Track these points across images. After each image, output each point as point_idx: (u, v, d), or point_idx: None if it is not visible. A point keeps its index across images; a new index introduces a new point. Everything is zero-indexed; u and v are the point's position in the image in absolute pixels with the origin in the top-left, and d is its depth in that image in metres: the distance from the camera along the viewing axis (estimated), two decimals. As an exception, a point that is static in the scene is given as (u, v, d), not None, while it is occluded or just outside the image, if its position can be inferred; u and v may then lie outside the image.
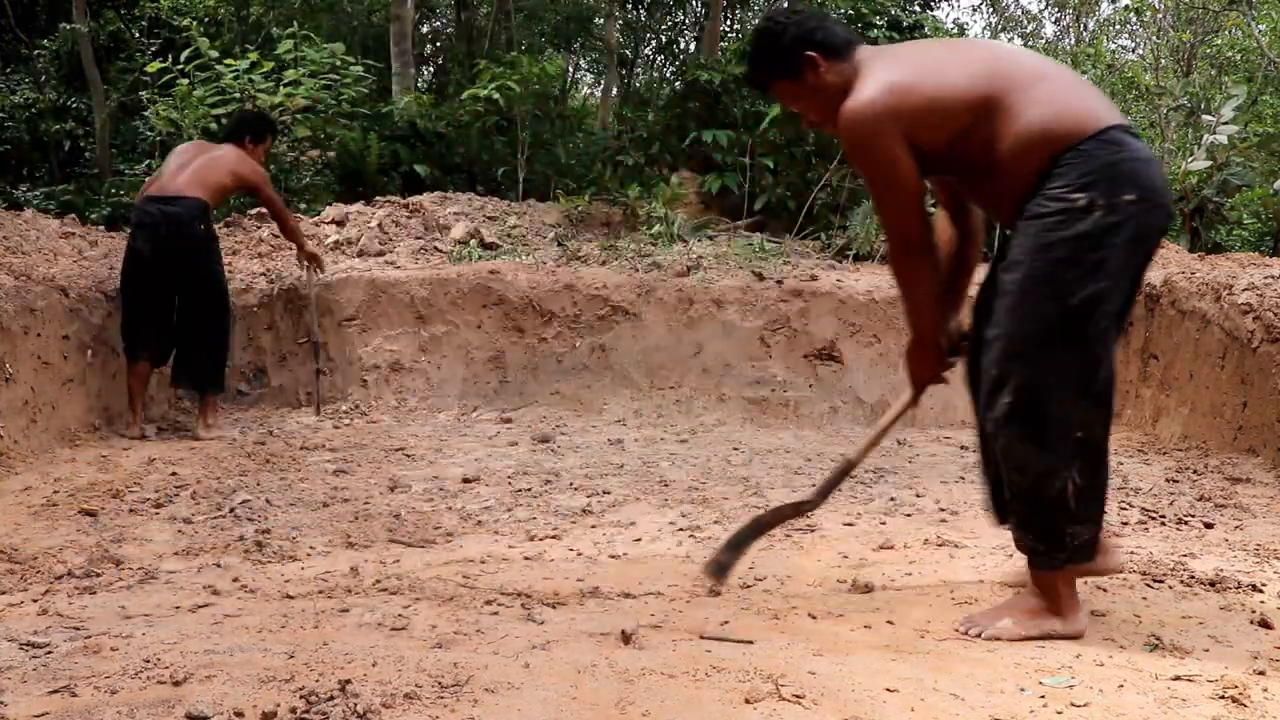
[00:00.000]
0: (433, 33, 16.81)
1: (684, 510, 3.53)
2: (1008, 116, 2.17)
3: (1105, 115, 2.16)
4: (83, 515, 3.31)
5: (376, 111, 8.79)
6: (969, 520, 3.42)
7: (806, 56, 2.35)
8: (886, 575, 2.72)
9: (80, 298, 4.67)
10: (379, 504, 3.57)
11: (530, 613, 2.32)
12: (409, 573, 2.73)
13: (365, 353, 5.74)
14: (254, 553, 2.96)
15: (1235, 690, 1.85)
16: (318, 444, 4.65)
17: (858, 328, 5.70)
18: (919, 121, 2.22)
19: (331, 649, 2.01)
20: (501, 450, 4.63)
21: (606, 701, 1.76)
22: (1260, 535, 3.18)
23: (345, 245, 6.50)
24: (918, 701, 1.80)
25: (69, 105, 11.98)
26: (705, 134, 8.06)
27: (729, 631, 2.19)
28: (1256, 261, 5.55)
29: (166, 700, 1.72)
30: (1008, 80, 2.20)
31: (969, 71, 2.24)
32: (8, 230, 5.04)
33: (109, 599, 2.48)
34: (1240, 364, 4.37)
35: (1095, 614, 2.32)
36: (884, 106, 2.21)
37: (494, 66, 8.51)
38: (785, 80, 2.42)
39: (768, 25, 2.47)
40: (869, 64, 2.32)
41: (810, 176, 7.97)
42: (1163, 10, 14.03)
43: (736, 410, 5.59)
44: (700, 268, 6.11)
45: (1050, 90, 2.19)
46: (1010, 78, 2.21)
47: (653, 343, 5.76)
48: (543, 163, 9.00)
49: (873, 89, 2.24)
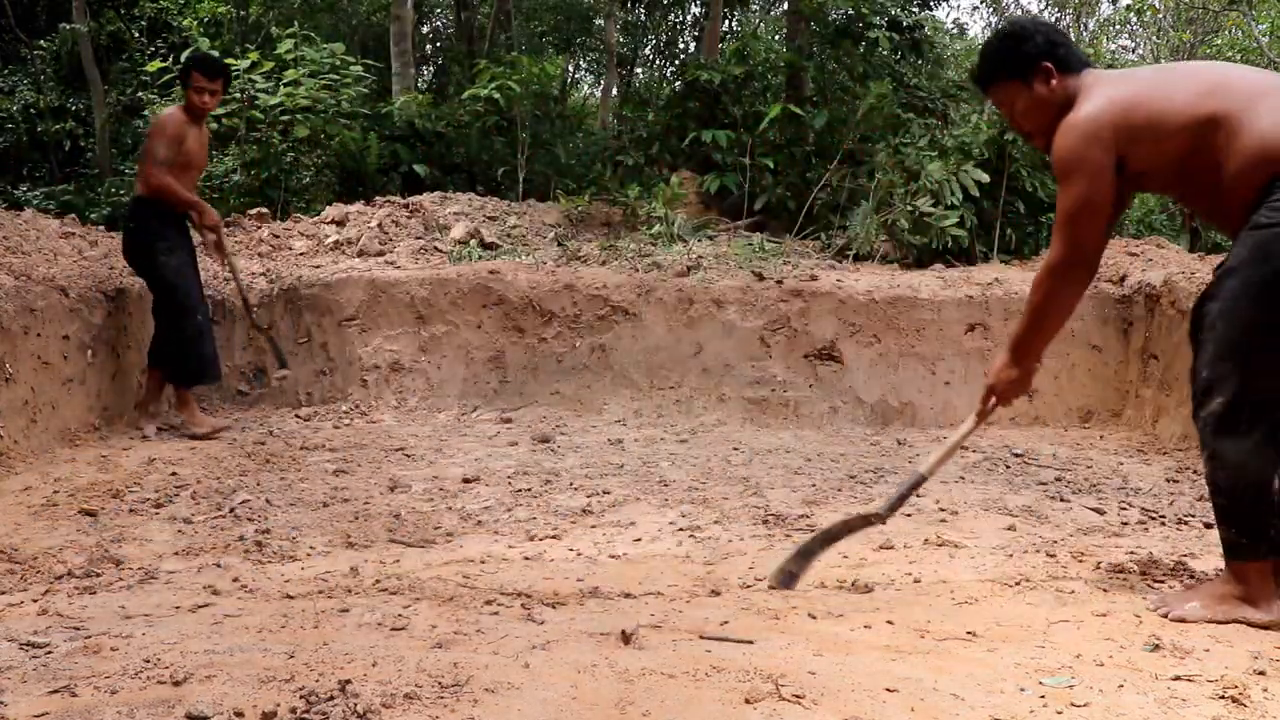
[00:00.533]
0: (433, 33, 16.83)
1: (684, 510, 3.53)
2: (1231, 134, 2.25)
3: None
4: (83, 515, 3.31)
5: (376, 111, 8.80)
6: (969, 520, 3.42)
7: (1043, 66, 2.45)
8: (886, 575, 2.72)
9: (80, 298, 4.67)
10: (379, 504, 3.57)
11: (530, 613, 2.32)
12: (409, 573, 2.73)
13: (365, 353, 5.74)
14: (254, 553, 2.96)
15: (1235, 690, 1.85)
16: (318, 444, 4.65)
17: (858, 328, 5.70)
18: (1138, 138, 2.33)
19: (331, 649, 2.01)
20: (501, 450, 4.63)
21: (606, 701, 1.76)
22: (1260, 535, 3.18)
23: (345, 245, 6.50)
24: (918, 701, 1.80)
25: (69, 105, 11.99)
26: (705, 134, 8.06)
27: (729, 631, 2.19)
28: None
29: (166, 700, 1.72)
30: (1230, 99, 2.29)
31: (1193, 90, 2.33)
32: (8, 230, 5.03)
33: (109, 599, 2.48)
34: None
35: (1095, 614, 2.32)
36: (1109, 119, 2.33)
37: (494, 66, 8.52)
38: (1014, 83, 2.52)
39: (1015, 28, 2.57)
40: (1095, 85, 2.44)
41: (810, 176, 7.97)
42: (1163, 10, 14.03)
43: (736, 410, 5.59)
44: (700, 268, 6.11)
45: (1272, 106, 2.26)
46: (1233, 96, 2.29)
47: (653, 343, 5.76)
48: (543, 163, 9.00)
49: (1098, 102, 2.36)
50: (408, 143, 8.67)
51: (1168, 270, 5.43)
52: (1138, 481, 4.06)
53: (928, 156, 7.06)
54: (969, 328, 5.73)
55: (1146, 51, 16.20)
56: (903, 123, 7.91)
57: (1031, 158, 7.27)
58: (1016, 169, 7.21)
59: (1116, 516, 3.49)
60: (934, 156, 7.06)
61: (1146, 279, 5.45)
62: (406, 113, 8.75)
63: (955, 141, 7.29)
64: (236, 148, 7.83)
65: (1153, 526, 3.35)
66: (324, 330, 5.76)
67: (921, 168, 6.96)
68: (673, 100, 9.00)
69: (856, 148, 7.80)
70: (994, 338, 5.73)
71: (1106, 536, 3.20)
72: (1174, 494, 3.83)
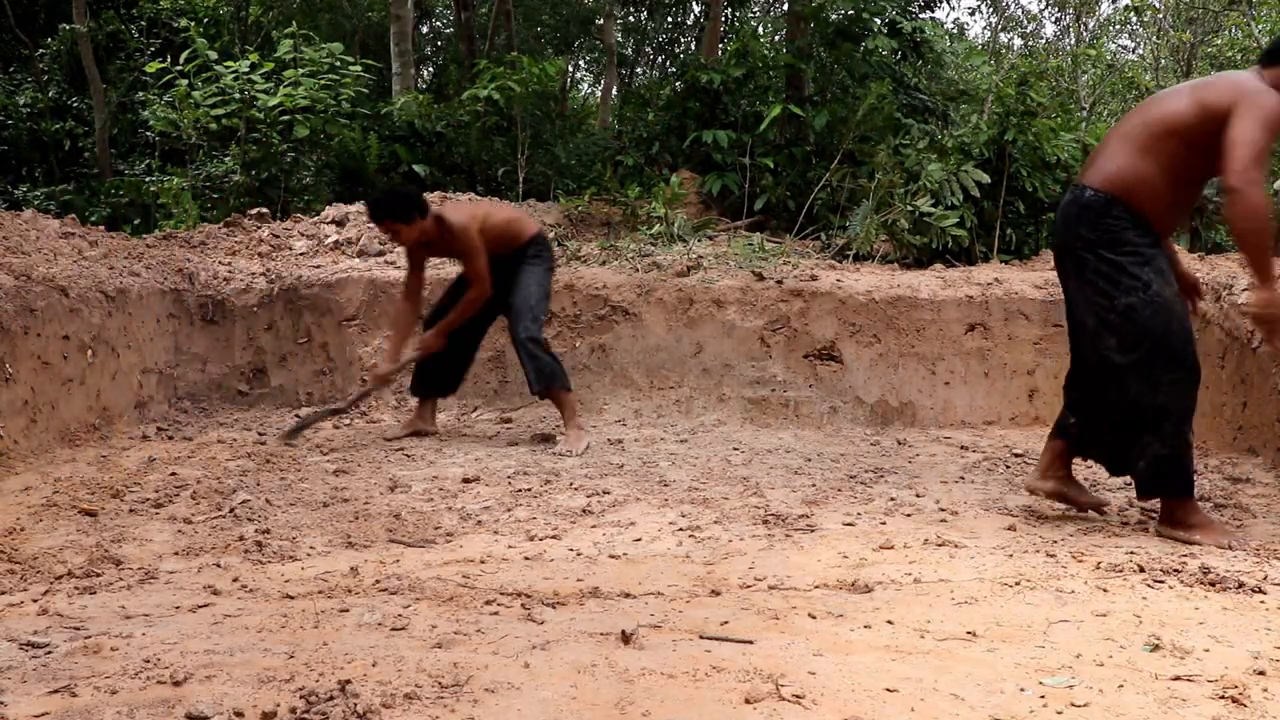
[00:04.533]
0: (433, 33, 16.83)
1: (684, 510, 3.53)
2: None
3: None
4: (83, 515, 3.31)
5: (376, 111, 8.80)
6: (969, 520, 3.42)
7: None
8: (886, 575, 2.72)
9: (80, 298, 4.67)
10: (379, 504, 3.57)
11: (530, 613, 2.32)
12: (409, 573, 2.73)
13: (365, 353, 5.74)
14: (254, 553, 2.96)
15: (1235, 690, 1.85)
16: (318, 444, 4.65)
17: (858, 328, 5.71)
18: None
19: (331, 649, 2.01)
20: (501, 450, 4.63)
21: (606, 701, 1.76)
22: (1260, 535, 3.19)
23: (345, 245, 6.50)
24: (918, 701, 1.80)
25: (69, 105, 11.98)
26: (705, 134, 8.07)
27: (729, 631, 2.19)
28: (1256, 261, 5.55)
29: (166, 700, 1.73)
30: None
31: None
32: (8, 230, 5.03)
33: (109, 599, 2.48)
34: (1240, 364, 4.37)
35: (1095, 614, 2.32)
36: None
37: (494, 66, 8.52)
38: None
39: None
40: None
41: (810, 176, 7.97)
42: (1163, 10, 14.03)
43: (736, 410, 5.59)
44: (700, 268, 6.11)
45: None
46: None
47: (653, 343, 5.76)
48: (543, 163, 9.00)
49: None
50: (408, 143, 8.67)
51: (1168, 270, 5.42)
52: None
53: (928, 157, 7.06)
54: (969, 328, 5.73)
55: (1146, 51, 16.20)
56: (903, 124, 7.92)
57: (1031, 158, 7.27)
58: (1016, 169, 7.22)
59: (1116, 516, 3.49)
60: (934, 157, 7.07)
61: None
62: (406, 113, 8.75)
63: (955, 142, 7.30)
64: (236, 148, 7.83)
65: (1153, 526, 3.35)
66: (324, 330, 5.76)
67: (921, 168, 6.96)
68: (673, 100, 9.00)
69: (856, 148, 7.81)
70: (994, 338, 5.74)
71: (1106, 536, 3.20)
72: (1174, 494, 3.83)
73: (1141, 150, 3.11)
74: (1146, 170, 3.10)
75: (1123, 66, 15.05)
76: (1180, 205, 3.22)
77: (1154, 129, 3.11)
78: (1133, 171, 3.11)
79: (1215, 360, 4.57)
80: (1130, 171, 3.12)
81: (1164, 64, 14.51)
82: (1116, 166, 3.15)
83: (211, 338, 5.68)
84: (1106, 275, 3.15)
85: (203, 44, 7.79)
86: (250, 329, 5.71)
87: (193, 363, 5.60)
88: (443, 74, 12.89)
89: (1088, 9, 17.67)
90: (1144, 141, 3.12)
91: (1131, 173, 3.11)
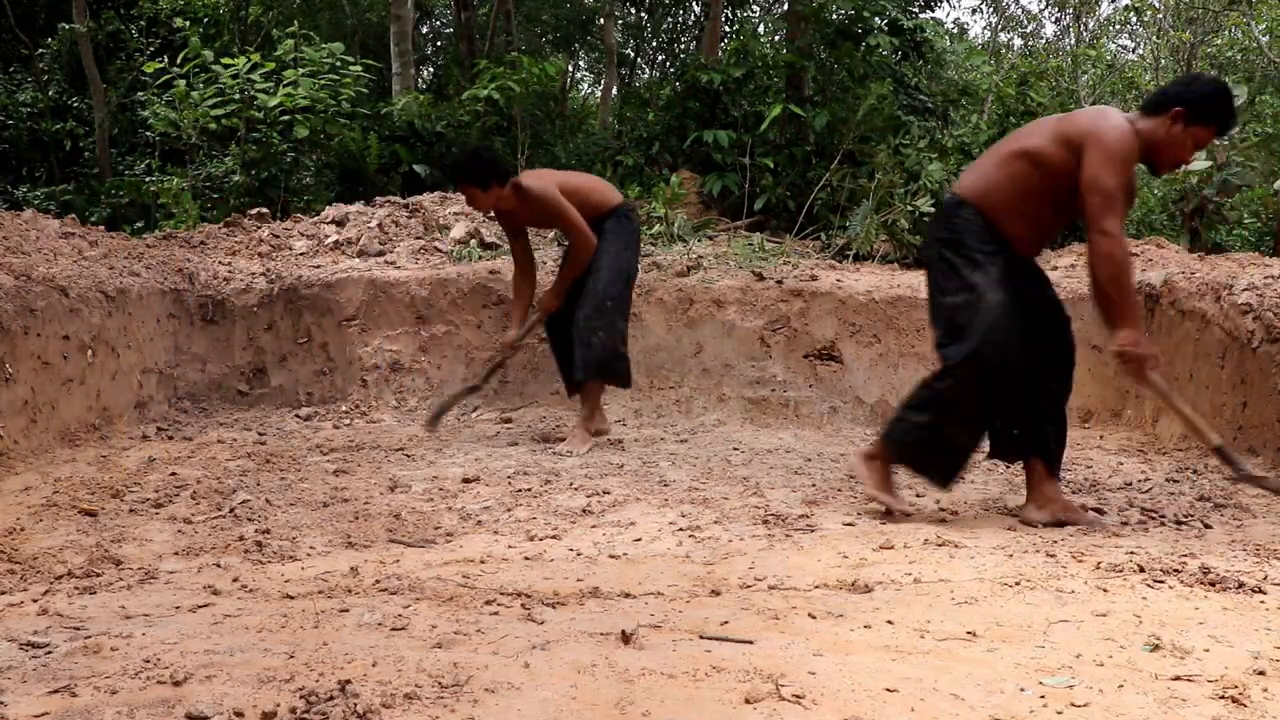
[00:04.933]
0: (433, 33, 16.82)
1: (684, 510, 3.53)
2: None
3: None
4: (83, 515, 3.31)
5: (376, 111, 8.80)
6: (969, 520, 3.42)
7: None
8: (886, 575, 2.72)
9: (80, 298, 4.67)
10: (379, 504, 3.57)
11: (530, 613, 2.32)
12: (409, 573, 2.73)
13: (365, 353, 5.74)
14: (254, 553, 2.96)
15: (1235, 690, 1.84)
16: (318, 444, 4.65)
17: (858, 328, 5.71)
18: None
19: (331, 649, 2.01)
20: (501, 450, 4.63)
21: (606, 701, 1.76)
22: (1260, 535, 3.18)
23: (345, 245, 6.50)
24: (918, 701, 1.80)
25: (69, 105, 11.98)
26: (705, 134, 8.07)
27: (729, 631, 2.19)
28: (1256, 261, 5.54)
29: (166, 700, 1.73)
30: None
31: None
32: (8, 230, 5.03)
33: (109, 599, 2.48)
34: (1240, 364, 4.37)
35: (1095, 614, 2.32)
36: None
37: (494, 66, 8.52)
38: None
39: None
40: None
41: (810, 176, 7.98)
42: (1163, 10, 14.04)
43: (736, 410, 5.59)
44: (700, 268, 6.11)
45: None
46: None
47: (653, 343, 5.76)
48: (543, 163, 9.00)
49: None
50: (408, 143, 8.67)
51: (1168, 270, 5.42)
52: (1138, 481, 4.06)
53: (928, 157, 7.07)
54: (969, 328, 5.72)
55: (1146, 51, 16.20)
56: (903, 123, 7.92)
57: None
58: (1016, 169, 7.20)
59: (1117, 516, 3.49)
60: (934, 157, 7.07)
61: (1146, 279, 5.44)
62: (407, 113, 8.76)
63: (955, 142, 7.30)
64: (236, 148, 7.83)
65: (1152, 526, 3.35)
66: (324, 330, 5.76)
67: (921, 168, 6.96)
68: (673, 100, 9.00)
69: (856, 148, 7.81)
70: (994, 338, 5.73)
71: (1106, 536, 3.20)
72: (1174, 494, 3.83)
73: (996, 165, 3.35)
74: (998, 182, 3.31)
75: (1123, 67, 15.06)
76: (1038, 224, 3.35)
77: (1012, 148, 3.34)
78: (985, 181, 3.34)
79: (1215, 360, 4.57)
80: (983, 180, 3.35)
81: (1164, 64, 14.51)
82: (974, 176, 3.41)
83: (211, 338, 5.68)
84: (943, 272, 3.37)
85: (197, 44, 7.79)
86: (250, 329, 5.71)
87: (193, 363, 5.60)
88: (443, 74, 12.88)
89: (1088, 9, 17.68)
90: (1002, 157, 3.35)
91: (984, 181, 3.35)
